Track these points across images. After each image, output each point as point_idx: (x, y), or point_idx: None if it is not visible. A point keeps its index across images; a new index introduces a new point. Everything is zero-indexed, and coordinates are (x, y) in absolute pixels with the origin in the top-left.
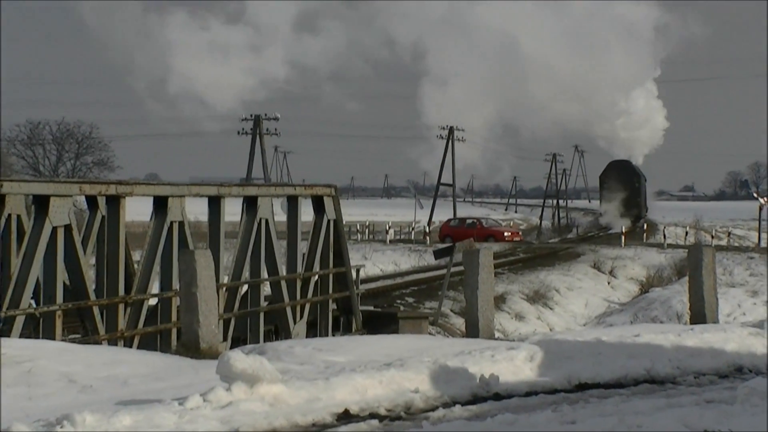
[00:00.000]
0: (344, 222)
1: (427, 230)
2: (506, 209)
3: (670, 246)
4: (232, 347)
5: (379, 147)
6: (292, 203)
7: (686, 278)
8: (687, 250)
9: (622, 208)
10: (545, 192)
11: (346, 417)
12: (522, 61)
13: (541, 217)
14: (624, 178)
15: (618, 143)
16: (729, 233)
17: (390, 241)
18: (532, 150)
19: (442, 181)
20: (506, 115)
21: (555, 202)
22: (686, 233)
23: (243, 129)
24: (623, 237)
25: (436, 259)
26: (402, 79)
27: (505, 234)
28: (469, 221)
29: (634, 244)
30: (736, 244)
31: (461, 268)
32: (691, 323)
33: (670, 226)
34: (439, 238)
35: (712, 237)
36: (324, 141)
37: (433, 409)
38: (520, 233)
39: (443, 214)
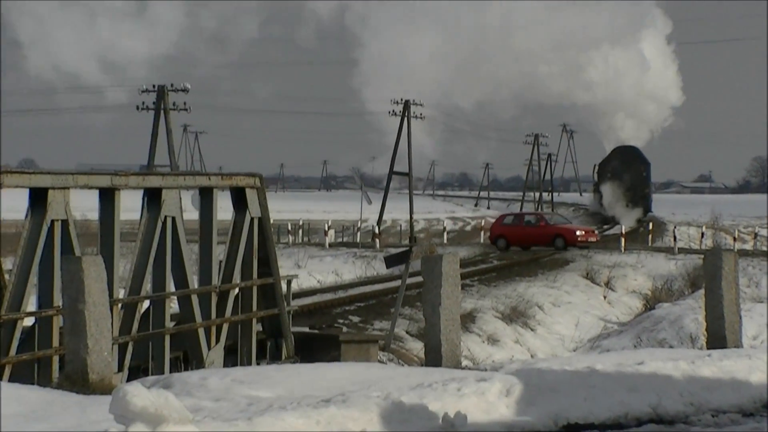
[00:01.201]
0: (272, 221)
1: (377, 231)
2: (476, 204)
3: (681, 251)
4: (129, 379)
5: (316, 127)
6: (206, 197)
7: (702, 291)
8: (703, 256)
9: (629, 201)
10: (525, 182)
11: None
12: (496, 20)
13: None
14: (631, 166)
15: (611, 120)
16: (755, 234)
17: (330, 244)
18: (508, 131)
19: (395, 169)
20: (478, 87)
21: (538, 195)
22: (702, 234)
23: (143, 104)
24: (623, 239)
25: (388, 267)
26: (347, 43)
27: (578, 233)
28: (528, 217)
29: (637, 249)
30: (765, 248)
31: (419, 278)
32: (708, 348)
33: (682, 226)
34: (491, 240)
35: (735, 239)
36: (246, 119)
37: None
38: (596, 232)
39: (397, 210)
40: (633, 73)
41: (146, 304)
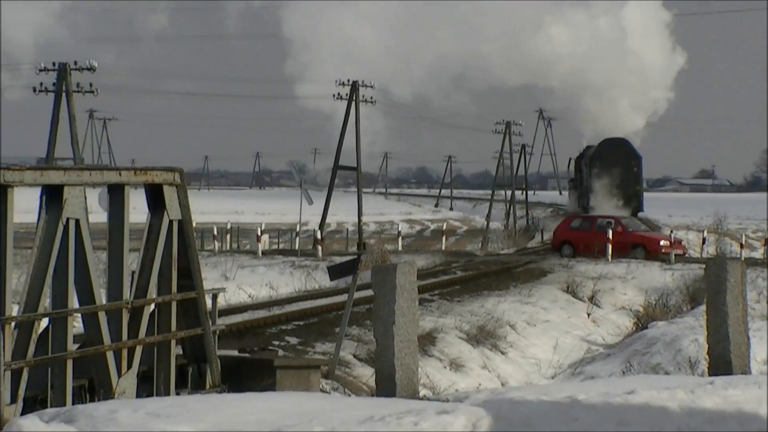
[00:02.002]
0: (195, 224)
1: (319, 236)
2: (437, 205)
3: (679, 259)
4: (25, 412)
5: (247, 113)
6: (116, 195)
7: (703, 307)
8: (704, 266)
9: (618, 200)
10: (495, 179)
11: None
12: None
13: (488, 217)
14: (620, 160)
15: (593, 106)
16: (766, 240)
17: (264, 252)
18: (475, 118)
19: (340, 163)
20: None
21: (509, 193)
22: (703, 240)
23: (42, 85)
24: (610, 246)
25: (332, 279)
26: (283, 13)
27: (662, 243)
28: (601, 221)
29: (627, 257)
30: None
31: (369, 292)
32: (711, 374)
33: (680, 230)
34: (553, 246)
35: (742, 246)
36: (163, 104)
37: None
38: (684, 244)
39: (343, 211)
40: (618, 48)
41: (45, 322)
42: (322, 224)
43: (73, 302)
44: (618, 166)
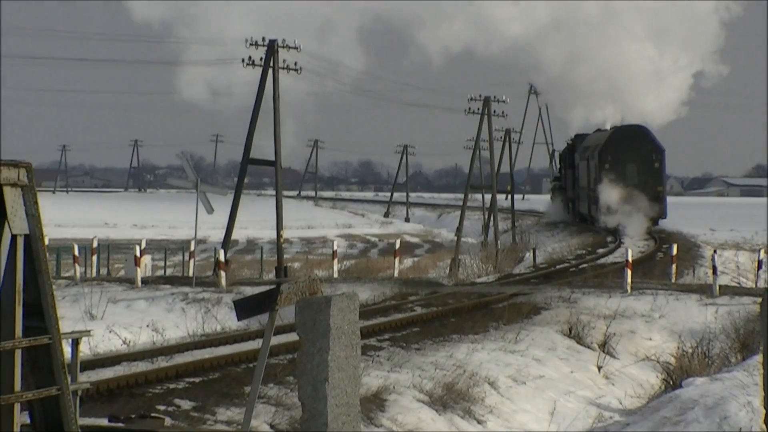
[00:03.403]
0: (48, 239)
1: (223, 258)
2: (387, 213)
3: (725, 290)
4: None
5: (120, 85)
6: None
7: (758, 358)
8: (759, 300)
9: (636, 205)
10: (469, 178)
11: None
12: None
13: (459, 231)
14: (637, 153)
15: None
16: None
17: (145, 280)
18: (442, 94)
19: (252, 155)
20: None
21: (489, 197)
22: (758, 264)
23: None
24: (628, 271)
25: (240, 318)
26: None
27: None
28: None
29: (652, 287)
30: None
31: (293, 336)
32: None
33: (726, 249)
34: None
35: None
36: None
37: None
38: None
39: (256, 223)
40: (641, 24)
41: None
42: (226, 241)
43: None
44: (635, 160)
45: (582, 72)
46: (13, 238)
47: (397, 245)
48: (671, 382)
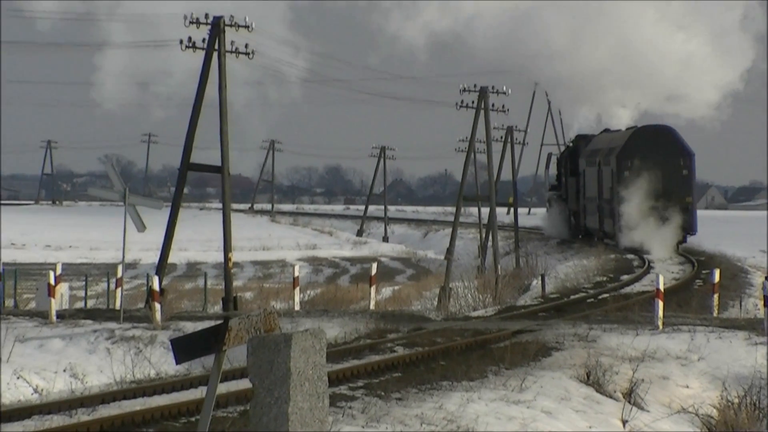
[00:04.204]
0: None
1: (157, 286)
2: (361, 231)
3: None
4: None
5: (28, 72)
6: None
7: None
8: None
9: (660, 218)
10: (461, 187)
11: None
12: None
13: (449, 253)
14: (662, 158)
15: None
16: None
17: (61, 314)
18: (427, 83)
19: (194, 160)
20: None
21: (486, 211)
22: None
23: None
24: (660, 303)
25: (179, 361)
26: None
27: None
28: None
29: (689, 322)
30: None
31: (245, 383)
32: None
33: (754, 270)
34: None
35: None
36: None
37: None
38: None
39: (199, 243)
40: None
41: None
42: (161, 265)
43: None
44: (660, 167)
45: (592, 58)
46: None
47: (374, 270)
48: None
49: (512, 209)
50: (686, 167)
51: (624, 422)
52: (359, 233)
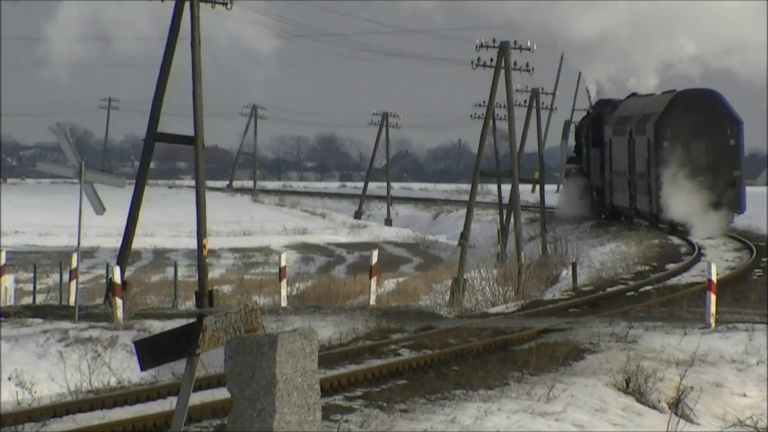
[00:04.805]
0: None
1: (119, 279)
2: (359, 212)
3: None
4: None
5: None
6: None
7: None
8: None
9: (705, 195)
10: (477, 162)
11: None
12: None
13: (463, 238)
14: (707, 127)
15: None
16: None
17: (5, 312)
18: (434, 36)
19: (161, 129)
20: None
21: (507, 189)
22: None
23: None
24: (712, 296)
25: (144, 368)
26: None
27: None
28: None
29: (746, 319)
30: None
31: (223, 392)
32: None
33: None
34: None
35: None
36: None
37: None
38: None
39: (168, 228)
40: None
41: None
42: (124, 254)
43: None
44: (704, 137)
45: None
46: None
47: (374, 259)
48: None
49: (538, 186)
50: (734, 137)
51: None
52: (357, 215)
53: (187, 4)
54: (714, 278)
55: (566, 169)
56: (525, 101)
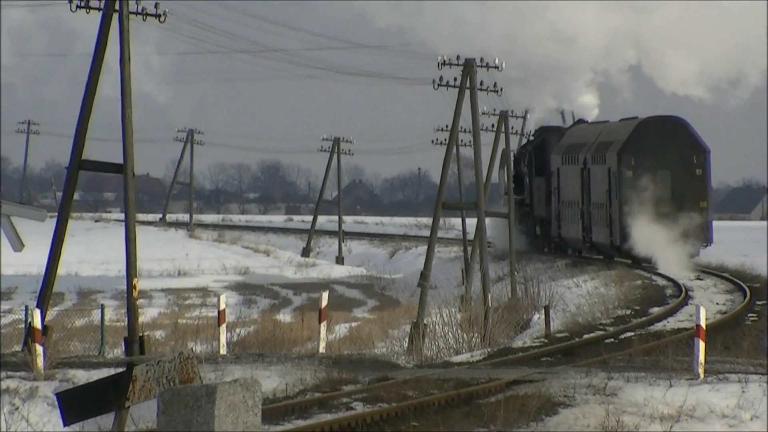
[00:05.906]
0: None
1: (39, 323)
2: (308, 249)
3: None
4: None
5: None
6: None
7: None
8: None
9: (670, 225)
10: (440, 191)
11: None
12: None
13: (424, 275)
14: (673, 155)
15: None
16: None
17: None
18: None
19: (86, 156)
20: None
21: (471, 222)
22: None
23: None
24: (701, 343)
25: (68, 423)
26: None
27: None
28: None
29: (737, 368)
30: None
31: None
32: None
33: None
34: None
35: None
36: None
37: None
38: None
39: (93, 266)
40: None
41: None
42: (45, 295)
43: None
44: (670, 165)
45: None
46: None
47: (324, 301)
48: None
49: (506, 219)
50: (700, 166)
51: None
52: (305, 252)
53: (115, 16)
54: (703, 323)
55: (504, 200)
56: (493, 126)
